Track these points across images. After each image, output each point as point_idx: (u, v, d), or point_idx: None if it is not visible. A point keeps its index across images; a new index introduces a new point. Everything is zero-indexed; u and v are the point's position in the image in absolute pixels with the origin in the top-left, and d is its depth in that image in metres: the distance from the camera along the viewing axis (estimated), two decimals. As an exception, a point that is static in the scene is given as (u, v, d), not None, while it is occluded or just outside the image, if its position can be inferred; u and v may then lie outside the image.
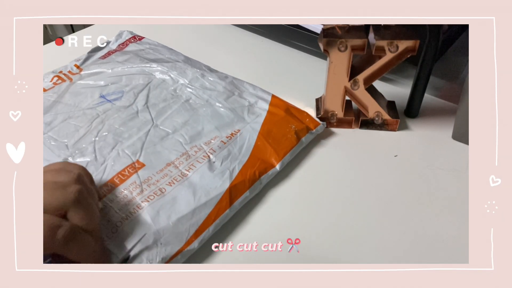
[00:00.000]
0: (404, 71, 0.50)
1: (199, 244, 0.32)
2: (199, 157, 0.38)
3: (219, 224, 0.34)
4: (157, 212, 0.33)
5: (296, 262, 0.32)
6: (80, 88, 0.47)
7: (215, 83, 0.47)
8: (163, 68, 0.49)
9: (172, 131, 0.41)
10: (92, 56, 0.52)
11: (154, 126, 0.42)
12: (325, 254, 0.33)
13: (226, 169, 0.37)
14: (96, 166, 0.37)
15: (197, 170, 0.37)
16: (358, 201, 0.37)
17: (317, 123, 0.43)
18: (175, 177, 0.36)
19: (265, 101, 0.45)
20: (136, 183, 0.35)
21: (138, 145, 0.39)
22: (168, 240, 0.31)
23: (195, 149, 0.39)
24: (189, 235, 0.32)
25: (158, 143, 0.40)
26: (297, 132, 0.41)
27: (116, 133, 0.41)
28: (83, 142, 0.40)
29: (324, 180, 0.39)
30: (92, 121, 0.42)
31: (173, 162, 0.37)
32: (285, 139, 0.40)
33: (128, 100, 0.45)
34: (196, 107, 0.44)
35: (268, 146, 0.39)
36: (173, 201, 0.34)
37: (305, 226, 0.35)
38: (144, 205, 0.33)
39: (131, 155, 0.38)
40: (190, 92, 0.46)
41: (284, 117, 0.42)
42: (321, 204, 0.36)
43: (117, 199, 0.34)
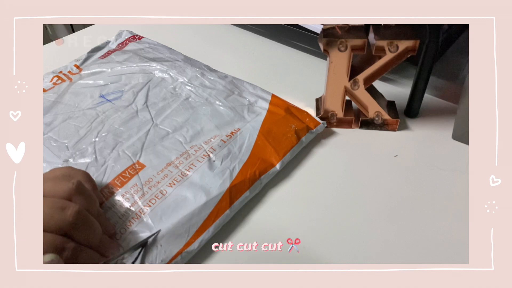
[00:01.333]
0: (404, 71, 0.50)
1: (199, 245, 0.32)
2: (199, 156, 0.38)
3: (219, 225, 0.34)
4: (159, 217, 0.33)
5: (296, 262, 0.32)
6: (80, 88, 0.47)
7: (215, 82, 0.47)
8: (163, 67, 0.49)
9: (172, 130, 0.41)
10: (92, 56, 0.52)
11: (154, 125, 0.42)
12: (325, 254, 0.33)
13: (226, 168, 0.37)
14: (96, 168, 0.37)
15: (197, 170, 0.37)
16: (358, 201, 0.37)
17: (317, 123, 0.43)
18: (175, 177, 0.36)
19: (265, 100, 0.45)
20: (137, 186, 0.35)
21: (138, 145, 0.39)
22: (168, 241, 0.31)
23: (195, 148, 0.39)
24: (189, 236, 0.32)
25: (158, 143, 0.39)
26: (297, 132, 0.41)
27: (116, 133, 0.41)
28: (83, 143, 0.39)
29: (324, 180, 0.39)
30: (92, 122, 0.42)
31: (173, 162, 0.37)
32: (285, 138, 0.40)
33: (127, 100, 0.45)
34: (196, 106, 0.44)
35: (268, 145, 0.39)
36: (175, 204, 0.34)
37: (305, 226, 0.35)
38: (146, 210, 0.33)
39: (132, 156, 0.38)
40: (189, 90, 0.46)
41: (284, 117, 0.42)
42: (321, 204, 0.36)
43: (119, 204, 0.34)
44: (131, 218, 0.33)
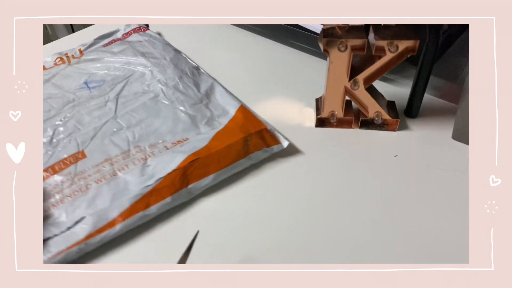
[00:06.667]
0: (404, 71, 0.50)
1: (101, 240, 0.32)
2: (136, 159, 0.37)
3: (130, 224, 0.34)
4: (73, 210, 0.34)
5: (296, 262, 0.32)
6: (71, 71, 0.49)
7: (189, 87, 0.46)
8: (147, 63, 0.49)
9: (127, 126, 0.41)
10: (98, 42, 0.54)
11: (113, 118, 0.42)
12: (325, 254, 0.33)
13: (156, 172, 0.36)
14: (47, 149, 0.38)
15: (128, 172, 0.36)
16: (358, 201, 0.37)
17: (276, 142, 0.40)
18: (105, 175, 0.36)
19: (228, 115, 0.42)
20: (70, 174, 0.36)
21: (90, 134, 0.40)
22: (73, 231, 0.32)
23: (138, 149, 0.38)
24: (92, 230, 0.32)
25: (108, 136, 0.40)
26: (247, 147, 0.39)
27: (78, 120, 0.42)
28: (48, 123, 0.41)
29: (324, 180, 0.39)
30: (65, 105, 0.44)
31: (111, 159, 0.38)
32: (230, 152, 0.38)
33: (104, 90, 0.46)
34: (160, 107, 0.43)
35: (209, 156, 0.38)
36: (92, 200, 0.34)
37: (306, 226, 0.35)
38: (67, 200, 0.34)
39: (80, 144, 0.39)
40: (160, 90, 0.45)
41: (240, 131, 0.40)
42: (321, 203, 0.36)
43: (49, 188, 0.35)
44: (55, 203, 0.34)
